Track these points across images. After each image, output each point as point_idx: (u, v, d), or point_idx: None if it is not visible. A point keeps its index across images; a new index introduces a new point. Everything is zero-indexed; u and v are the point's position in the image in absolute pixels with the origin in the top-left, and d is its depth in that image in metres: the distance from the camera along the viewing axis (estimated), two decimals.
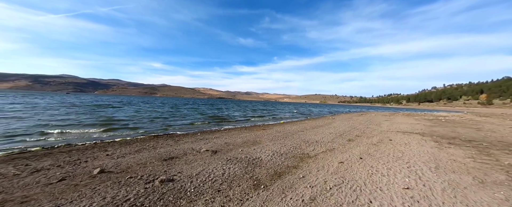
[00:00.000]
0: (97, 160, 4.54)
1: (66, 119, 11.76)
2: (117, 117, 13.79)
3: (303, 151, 5.28)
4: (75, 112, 15.45)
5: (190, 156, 4.88)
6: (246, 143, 6.46)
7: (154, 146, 6.10)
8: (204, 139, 7.37)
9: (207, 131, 9.81)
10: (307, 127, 11.22)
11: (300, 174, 3.45)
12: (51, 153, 5.12)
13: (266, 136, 7.88)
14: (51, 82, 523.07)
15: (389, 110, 60.21)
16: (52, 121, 10.64)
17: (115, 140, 7.24)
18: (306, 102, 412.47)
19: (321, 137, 7.65)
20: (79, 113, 15.28)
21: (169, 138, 7.62)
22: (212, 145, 6.22)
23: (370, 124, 13.14)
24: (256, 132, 9.30)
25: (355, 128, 10.68)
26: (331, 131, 9.26)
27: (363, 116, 22.81)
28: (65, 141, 6.96)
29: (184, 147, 5.96)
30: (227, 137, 7.71)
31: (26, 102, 24.12)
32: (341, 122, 14.13)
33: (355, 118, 19.30)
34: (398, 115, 26.15)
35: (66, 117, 12.59)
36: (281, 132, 9.02)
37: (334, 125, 12.35)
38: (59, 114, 13.98)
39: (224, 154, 5.06)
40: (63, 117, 12.54)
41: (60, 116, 12.93)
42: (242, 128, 11.28)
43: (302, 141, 6.81)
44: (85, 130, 8.99)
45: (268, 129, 10.29)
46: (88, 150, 5.66)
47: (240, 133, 8.85)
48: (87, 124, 10.52)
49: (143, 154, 5.03)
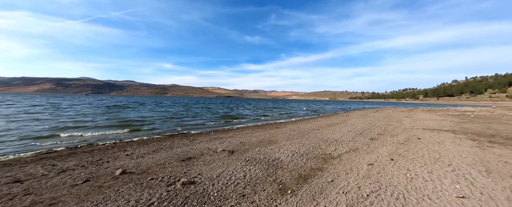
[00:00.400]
0: (118, 160, 4.59)
1: (86, 119, 12.33)
2: (133, 117, 14.25)
3: (324, 151, 4.98)
4: (94, 113, 16.21)
5: (207, 156, 4.79)
6: (262, 143, 6.28)
7: (171, 146, 6.12)
8: (218, 138, 7.30)
9: (220, 130, 9.77)
10: (322, 124, 10.80)
11: (327, 178, 3.19)
12: (75, 153, 5.29)
13: (281, 135, 7.64)
14: (71, 85, 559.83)
15: (406, 105, 57.05)
16: (74, 121, 11.20)
17: (133, 140, 7.40)
18: (315, 99, 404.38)
19: (339, 135, 7.26)
20: (98, 113, 16.01)
21: (184, 137, 7.65)
22: (227, 144, 6.11)
23: (389, 120, 12.39)
24: (270, 130, 9.08)
25: (374, 125, 10.09)
26: (348, 129, 8.80)
27: (379, 112, 21.70)
28: (87, 141, 7.22)
29: (200, 146, 5.90)
30: (241, 136, 7.58)
31: (50, 103, 25.86)
32: (357, 119, 13.48)
33: (371, 114, 18.39)
34: (417, 110, 24.59)
35: (86, 117, 13.22)
36: (296, 131, 8.73)
37: (350, 122, 11.79)
38: (80, 114, 14.73)
39: (241, 154, 4.91)
40: (84, 117, 13.18)
41: (81, 117, 13.60)
42: (254, 126, 11.12)
43: (320, 140, 6.49)
44: (105, 130, 9.32)
45: (282, 127, 10.03)
46: (109, 150, 5.79)
47: (253, 132, 8.69)
48: (105, 124, 10.93)
49: (161, 154, 5.03)
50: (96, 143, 6.80)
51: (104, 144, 6.66)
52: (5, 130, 8.26)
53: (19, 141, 6.73)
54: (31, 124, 9.92)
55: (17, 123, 10.04)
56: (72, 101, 36.18)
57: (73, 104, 27.96)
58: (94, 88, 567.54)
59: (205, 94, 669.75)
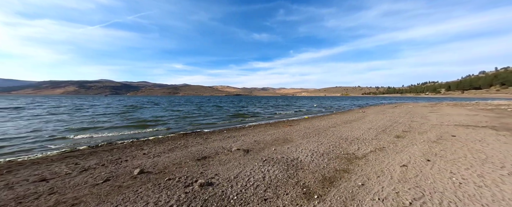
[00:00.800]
0: (136, 159, 4.64)
1: (106, 119, 12.92)
2: (148, 117, 14.70)
3: (346, 150, 4.62)
4: (113, 113, 17.01)
5: (222, 155, 4.67)
6: (276, 141, 6.04)
7: (185, 145, 6.11)
8: (231, 136, 7.19)
9: (233, 129, 9.68)
10: (338, 121, 10.28)
11: (357, 181, 2.88)
12: (96, 152, 5.47)
13: (295, 133, 7.34)
14: (92, 86, 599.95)
15: (427, 100, 53.31)
16: (94, 122, 11.78)
17: (149, 138, 7.55)
18: (325, 95, 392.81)
19: (359, 133, 6.79)
20: (117, 113, 16.78)
21: (198, 136, 7.65)
22: (241, 143, 5.96)
23: (412, 116, 11.48)
24: (283, 128, 8.80)
25: (396, 121, 9.37)
26: (368, 126, 8.24)
27: (399, 107, 20.35)
28: (107, 140, 7.50)
29: (214, 145, 5.82)
30: (255, 135, 7.40)
31: (73, 104, 27.74)
32: (375, 115, 12.69)
33: (389, 110, 17.27)
34: (441, 105, 22.70)
35: (106, 117, 13.88)
36: (311, 128, 8.36)
37: (368, 119, 11.09)
38: (100, 114, 15.52)
39: (257, 153, 4.72)
40: (104, 117, 13.85)
41: (101, 117, 14.31)
42: (267, 124, 10.90)
43: (339, 138, 6.10)
44: (123, 129, 9.66)
45: (295, 125, 9.70)
46: (127, 148, 5.92)
47: (266, 130, 8.47)
48: (123, 124, 11.35)
49: (176, 153, 5.00)
50: (115, 141, 7.02)
51: (123, 143, 6.85)
52: (35, 130, 8.87)
53: (46, 139, 7.15)
54: (57, 123, 10.59)
55: (45, 123, 10.77)
56: (93, 102, 38.55)
57: (94, 104, 29.77)
58: (112, 90, 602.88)
59: (215, 93, 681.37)
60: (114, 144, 6.67)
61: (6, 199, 2.69)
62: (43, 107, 23.22)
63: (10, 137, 7.47)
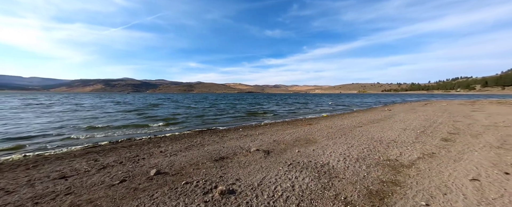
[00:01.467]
0: (153, 157, 4.47)
1: (126, 116, 13.44)
2: (165, 114, 15.03)
3: (386, 155, 3.93)
4: (133, 110, 17.77)
5: (241, 156, 4.29)
6: (298, 141, 5.51)
7: (201, 143, 5.87)
8: (248, 135, 6.81)
9: (248, 126, 9.32)
10: (363, 120, 9.33)
11: (416, 199, 2.27)
12: (115, 148, 5.47)
13: (317, 133, 6.71)
14: (116, 84, 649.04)
15: (461, 97, 47.75)
16: (117, 119, 12.29)
17: (166, 135, 7.51)
18: (341, 93, 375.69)
19: (394, 134, 5.94)
20: (137, 110, 17.50)
21: (213, 134, 7.42)
22: (260, 143, 5.54)
23: (453, 115, 10.02)
24: (302, 127, 8.19)
25: (435, 121, 8.18)
26: (402, 126, 7.26)
27: (430, 105, 18.25)
28: (127, 136, 7.62)
29: (231, 144, 5.49)
30: (272, 133, 6.94)
31: (100, 101, 29.87)
32: (406, 114, 11.37)
33: (420, 108, 15.51)
34: (482, 102, 19.87)
35: (126, 114, 14.46)
36: (334, 127, 7.63)
37: (398, 117, 9.93)
38: (121, 111, 16.28)
39: (279, 155, 4.25)
40: (125, 114, 14.45)
41: (122, 114, 14.96)
42: (283, 122, 10.35)
43: (370, 139, 5.35)
44: (141, 126, 9.87)
45: (315, 124, 9.01)
46: (144, 145, 5.86)
47: (284, 129, 7.95)
48: (141, 121, 11.65)
49: (193, 152, 4.75)
50: (134, 138, 7.08)
51: (141, 139, 6.87)
52: (63, 126, 9.43)
53: (71, 135, 7.47)
54: (83, 120, 11.22)
55: (72, 119, 11.48)
56: (118, 99, 41.23)
57: (118, 101, 31.79)
58: (133, 87, 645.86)
59: (227, 90, 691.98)
60: (133, 140, 6.70)
61: (24, 199, 2.60)
62: (73, 103, 25.31)
63: (43, 130, 7.98)
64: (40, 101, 26.88)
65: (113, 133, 7.98)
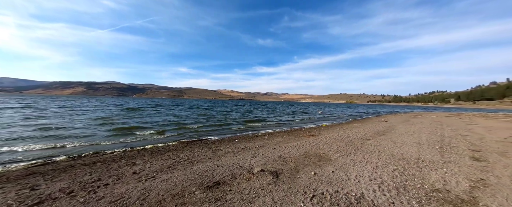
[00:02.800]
0: (121, 182, 3.28)
1: (102, 123, 11.74)
2: (149, 121, 13.49)
3: (427, 181, 3.13)
4: (112, 116, 15.90)
5: (242, 181, 3.25)
6: (309, 158, 4.59)
7: (190, 159, 4.73)
8: (246, 148, 5.78)
9: (244, 137, 8.26)
10: (367, 132, 8.72)
11: None
12: (72, 167, 4.14)
13: (325, 146, 5.87)
14: (100, 88, 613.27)
15: (441, 110, 50.68)
16: (90, 125, 10.61)
17: (146, 147, 6.22)
18: (330, 102, 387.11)
19: (412, 150, 5.26)
20: (116, 116, 15.65)
21: (205, 146, 6.27)
22: (263, 160, 4.54)
23: (453, 129, 9.80)
24: (306, 138, 7.33)
25: (442, 135, 7.76)
26: (413, 140, 6.68)
27: (421, 117, 18.50)
28: (96, 147, 6.20)
29: (227, 161, 4.42)
30: (275, 146, 5.97)
31: (76, 105, 27.02)
32: (405, 126, 11.04)
33: (414, 120, 15.52)
34: (467, 115, 20.68)
35: (103, 121, 12.71)
36: (340, 140, 6.86)
37: (401, 130, 9.49)
38: (98, 118, 14.40)
39: (292, 179, 3.29)
40: (101, 121, 12.69)
41: (97, 120, 13.16)
42: (282, 132, 9.43)
43: (391, 157, 4.60)
44: (119, 135, 8.41)
45: (318, 135, 8.21)
46: (115, 162, 4.58)
47: (286, 140, 7.02)
48: (120, 128, 10.13)
49: (178, 174, 3.62)
50: (104, 151, 5.71)
51: (112, 153, 5.52)
52: (19, 136, 7.70)
53: (20, 147, 5.89)
54: (47, 126, 9.43)
55: (32, 126, 9.64)
56: (98, 103, 38.04)
57: (97, 105, 29.05)
58: (119, 91, 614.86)
59: (218, 96, 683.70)
60: (101, 155, 5.35)
61: None
62: (47, 106, 22.51)
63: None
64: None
65: (78, 143, 6.50)
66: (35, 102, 29.18)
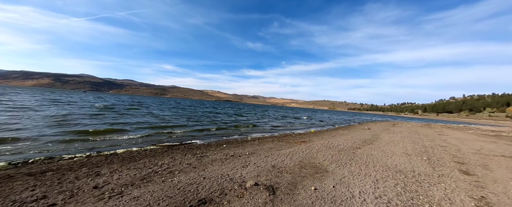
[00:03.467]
0: (74, 200, 2.52)
1: (68, 122, 10.20)
2: (126, 121, 12.15)
3: (431, 199, 2.96)
4: (83, 113, 14.06)
5: (234, 199, 2.74)
6: (305, 169, 4.24)
7: (170, 167, 4.05)
8: (236, 155, 5.24)
9: (233, 141, 7.68)
10: (355, 140, 8.77)
11: None
12: (12, 177, 3.19)
13: (319, 155, 5.60)
14: (70, 81, 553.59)
15: (407, 120, 55.55)
16: (47, 122, 9.08)
17: (117, 152, 5.30)
18: (314, 108, 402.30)
19: (403, 161, 5.25)
20: (88, 113, 13.86)
21: (188, 151, 5.57)
22: (255, 170, 4.06)
23: (430, 139, 10.42)
24: (298, 145, 7.04)
25: (424, 145, 8.10)
26: (400, 150, 6.80)
27: (399, 126, 19.76)
28: (51, 151, 5.10)
29: (214, 172, 3.85)
30: (267, 153, 5.53)
31: (34, 99, 23.57)
32: (388, 135, 11.49)
33: (392, 128, 16.43)
34: (437, 126, 22.71)
35: (70, 118, 11.07)
36: (332, 148, 6.70)
37: (386, 138, 9.78)
38: (64, 115, 12.57)
39: (291, 197, 2.87)
40: (68, 117, 11.05)
41: (55, 117, 11.46)
42: (273, 138, 9.04)
43: (386, 168, 4.47)
44: (85, 135, 7.22)
45: (309, 142, 7.99)
46: (73, 171, 3.70)
47: (278, 147, 6.64)
48: (89, 128, 8.82)
49: (153, 188, 2.96)
50: (61, 156, 4.68)
51: (72, 159, 4.55)
52: None
53: None
54: None
55: None
56: (59, 97, 33.95)
57: (60, 99, 25.72)
58: (93, 86, 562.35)
59: (204, 97, 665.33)
60: (57, 161, 4.36)
61: None
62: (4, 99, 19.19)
63: None
64: None
65: (26, 146, 5.30)
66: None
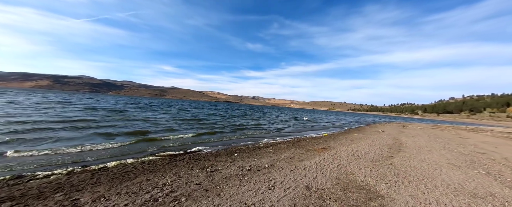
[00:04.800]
0: None
1: (55, 127, 9.18)
2: (125, 124, 11.13)
3: None
4: (67, 118, 13.03)
5: None
6: (349, 191, 3.26)
7: (174, 191, 3.07)
8: (253, 170, 4.26)
9: (244, 149, 6.68)
10: (381, 147, 7.79)
11: None
12: None
13: (353, 167, 4.62)
14: (69, 82, 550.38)
15: (413, 120, 54.68)
16: (40, 128, 8.06)
17: (107, 166, 4.29)
18: (314, 109, 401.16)
19: (463, 177, 4.29)
20: (87, 117, 12.83)
21: (195, 164, 4.58)
22: (286, 195, 3.08)
23: (459, 144, 9.46)
24: (320, 154, 6.05)
25: (461, 152, 7.13)
26: (444, 160, 5.83)
27: (410, 128, 18.79)
28: (20, 167, 4.09)
29: (234, 199, 2.87)
30: (289, 166, 4.55)
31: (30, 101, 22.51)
32: (411, 139, 10.52)
33: (408, 131, 15.45)
34: (447, 127, 21.78)
35: (57, 121, 10.06)
36: (361, 157, 5.71)
37: (410, 144, 8.81)
38: (55, 117, 11.53)
39: None
40: (54, 123, 10.02)
41: (55, 123, 10.44)
42: (287, 143, 8.02)
43: (457, 191, 3.50)
44: (73, 142, 6.22)
45: (330, 149, 7.00)
46: (42, 198, 2.71)
47: (299, 157, 5.65)
48: (77, 135, 7.82)
49: None
50: (33, 174, 3.67)
51: (48, 176, 3.54)
52: None
53: None
54: None
55: None
56: (64, 99, 32.86)
57: (63, 100, 24.64)
58: (92, 87, 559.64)
59: (204, 98, 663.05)
60: (27, 180, 3.36)
61: None
62: None
63: None
64: None
65: (11, 155, 4.29)
66: None
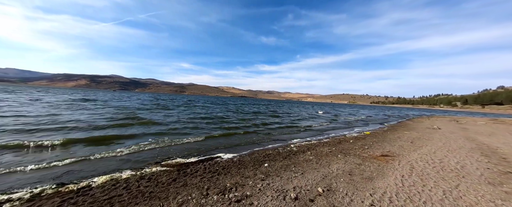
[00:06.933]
0: None
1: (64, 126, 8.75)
2: (129, 121, 10.49)
3: None
4: (77, 118, 12.93)
5: None
6: None
7: None
8: (300, 197, 2.75)
9: (274, 153, 5.16)
10: (470, 153, 5.57)
11: None
12: None
13: (464, 194, 2.76)
14: (103, 81, 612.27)
15: (451, 113, 47.05)
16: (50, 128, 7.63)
17: (91, 185, 3.17)
18: (332, 102, 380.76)
19: None
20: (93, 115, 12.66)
21: (211, 181, 3.21)
22: None
23: None
24: (388, 166, 4.23)
25: None
26: None
27: (468, 123, 15.19)
28: None
29: None
30: (360, 193, 2.91)
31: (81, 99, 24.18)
32: (496, 139, 7.85)
33: (475, 128, 12.25)
34: (504, 121, 17.30)
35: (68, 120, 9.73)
36: (464, 174, 3.78)
37: (503, 146, 6.32)
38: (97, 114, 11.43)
39: None
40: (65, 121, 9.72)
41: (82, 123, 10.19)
42: (327, 146, 6.26)
43: None
44: (60, 148, 5.41)
45: (394, 156, 5.08)
46: None
47: (360, 171, 3.93)
48: (79, 135, 7.14)
49: None
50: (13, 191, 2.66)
51: (9, 200, 2.48)
52: None
53: None
54: None
55: None
56: (100, 97, 35.35)
57: (88, 98, 26.21)
58: (121, 85, 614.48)
59: (220, 93, 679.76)
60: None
61: None
62: (43, 99, 19.72)
63: None
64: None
65: None
66: (48, 94, 26.41)
